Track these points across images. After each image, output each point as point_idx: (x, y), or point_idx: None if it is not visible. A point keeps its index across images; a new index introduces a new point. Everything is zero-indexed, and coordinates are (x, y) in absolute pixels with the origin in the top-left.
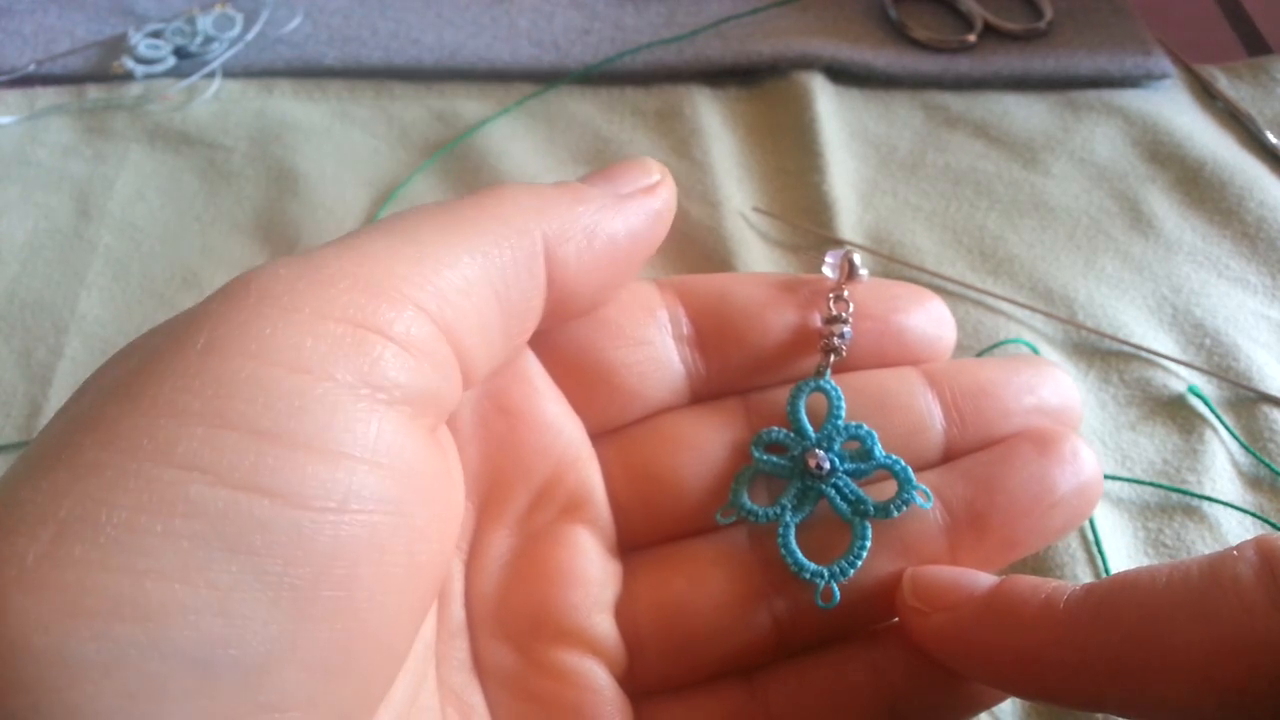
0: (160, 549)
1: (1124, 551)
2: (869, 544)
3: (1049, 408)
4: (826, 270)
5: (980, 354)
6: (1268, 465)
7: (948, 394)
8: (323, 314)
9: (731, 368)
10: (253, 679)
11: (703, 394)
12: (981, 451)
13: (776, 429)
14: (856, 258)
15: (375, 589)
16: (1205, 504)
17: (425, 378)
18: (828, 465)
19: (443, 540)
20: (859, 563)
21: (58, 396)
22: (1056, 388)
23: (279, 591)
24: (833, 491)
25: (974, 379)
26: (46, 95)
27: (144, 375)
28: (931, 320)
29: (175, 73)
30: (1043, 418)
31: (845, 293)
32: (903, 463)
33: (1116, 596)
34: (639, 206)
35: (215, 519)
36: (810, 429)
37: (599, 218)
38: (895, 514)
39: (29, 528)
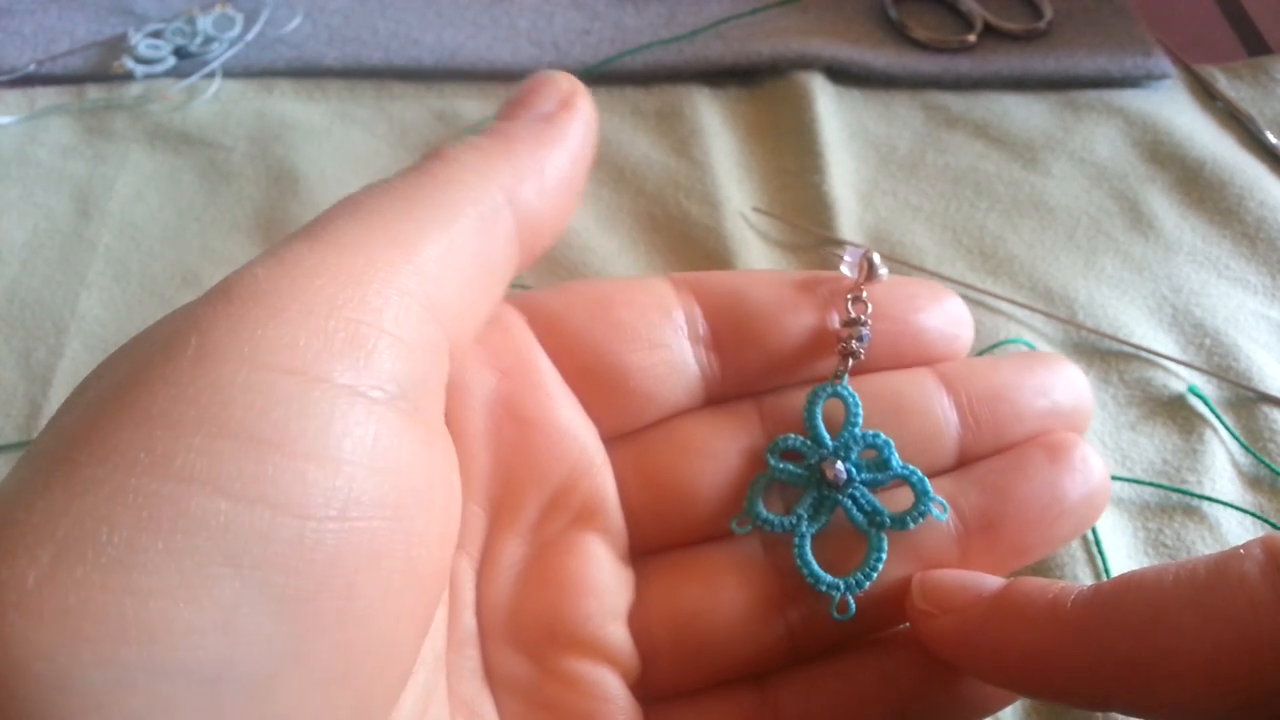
0: (163, 567)
1: (1124, 551)
2: (885, 556)
3: (1062, 410)
4: (844, 269)
5: (980, 354)
6: (1268, 465)
7: (963, 399)
8: (310, 310)
9: (748, 370)
10: (260, 694)
11: (717, 395)
12: (993, 459)
13: (793, 436)
14: (875, 256)
15: (375, 596)
16: (1205, 504)
17: (418, 365)
18: (845, 476)
19: (443, 544)
20: (875, 575)
21: (58, 396)
22: (1070, 388)
23: (282, 604)
24: (849, 502)
25: (989, 383)
26: (46, 95)
27: (136, 385)
28: (949, 319)
29: (175, 73)
30: (1055, 420)
31: (864, 294)
32: (920, 474)
33: (1124, 596)
34: (571, 124)
35: (217, 533)
36: (827, 437)
37: (542, 151)
38: (911, 526)
39: (27, 550)
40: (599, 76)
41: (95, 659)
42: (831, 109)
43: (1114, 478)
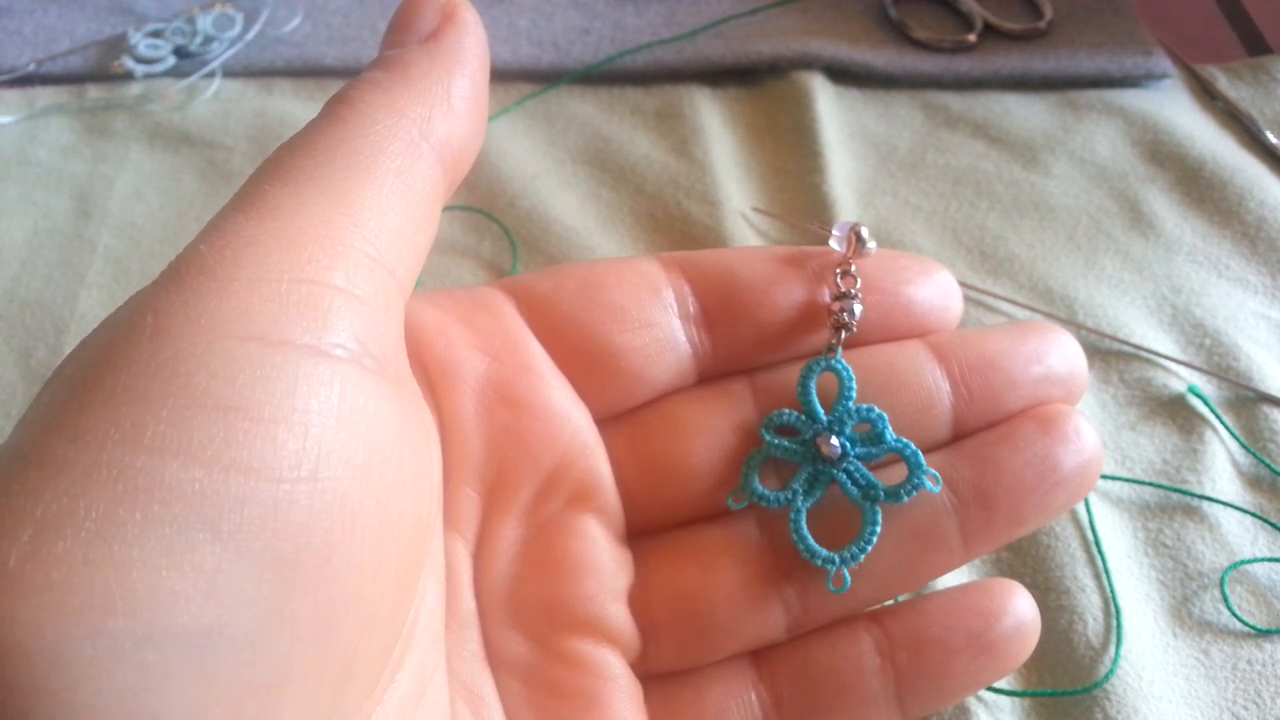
0: (143, 537)
1: (1124, 551)
2: (879, 529)
3: (1056, 376)
4: (833, 243)
5: None
6: (1268, 465)
7: (955, 369)
8: (259, 277)
9: (739, 346)
10: (246, 656)
11: (709, 373)
12: (986, 431)
13: (787, 411)
14: (864, 230)
15: (352, 554)
16: (1205, 504)
17: (375, 317)
18: (840, 450)
19: (417, 500)
20: (869, 548)
21: None
22: (1063, 354)
23: (263, 567)
24: (844, 476)
25: (980, 351)
26: (46, 95)
27: (99, 367)
28: (939, 291)
29: (175, 72)
30: (1051, 387)
31: (853, 268)
32: (913, 447)
33: None
34: (460, 39)
35: (194, 501)
36: (821, 411)
37: (440, 75)
38: (905, 499)
39: (6, 530)
40: (599, 76)
41: (83, 631)
42: (831, 109)
43: (1114, 478)
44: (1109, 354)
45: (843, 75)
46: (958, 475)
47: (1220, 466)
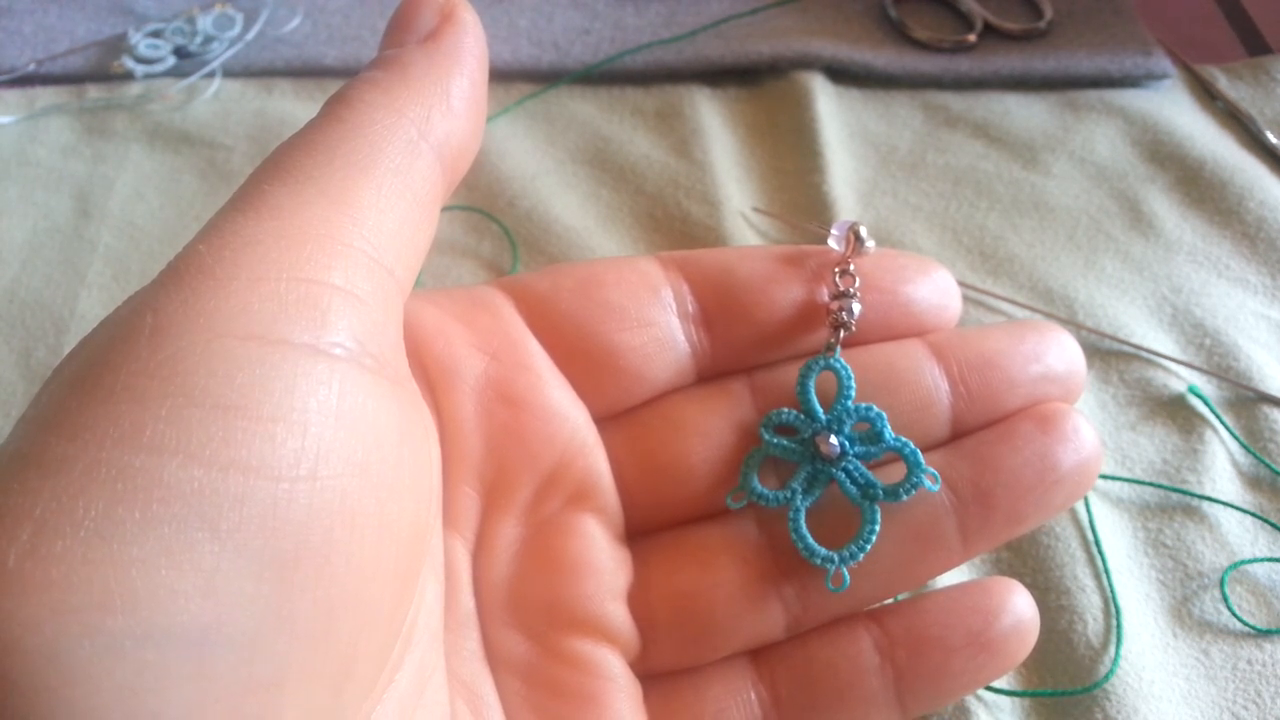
0: (141, 536)
1: (1124, 551)
2: (878, 528)
3: (1055, 375)
4: (832, 243)
5: None
6: (1268, 465)
7: (954, 367)
8: (258, 276)
9: (738, 345)
10: (245, 655)
11: (708, 372)
12: (985, 430)
13: (786, 410)
14: (862, 229)
15: (352, 553)
16: (1205, 504)
17: (374, 316)
18: (839, 449)
19: (416, 499)
20: (868, 547)
21: None
22: (1062, 353)
23: (262, 566)
24: (843, 475)
25: (979, 350)
26: (46, 95)
27: (98, 366)
28: (938, 290)
29: (175, 72)
30: (1049, 385)
31: (851, 267)
32: (912, 445)
33: None
34: (459, 39)
35: (192, 500)
36: (820, 410)
37: (439, 75)
38: (904, 498)
39: (6, 529)
40: (599, 76)
41: (82, 629)
42: (831, 109)
43: (1114, 478)
44: (1109, 354)
45: (843, 75)
46: (956, 474)
47: (1220, 466)
